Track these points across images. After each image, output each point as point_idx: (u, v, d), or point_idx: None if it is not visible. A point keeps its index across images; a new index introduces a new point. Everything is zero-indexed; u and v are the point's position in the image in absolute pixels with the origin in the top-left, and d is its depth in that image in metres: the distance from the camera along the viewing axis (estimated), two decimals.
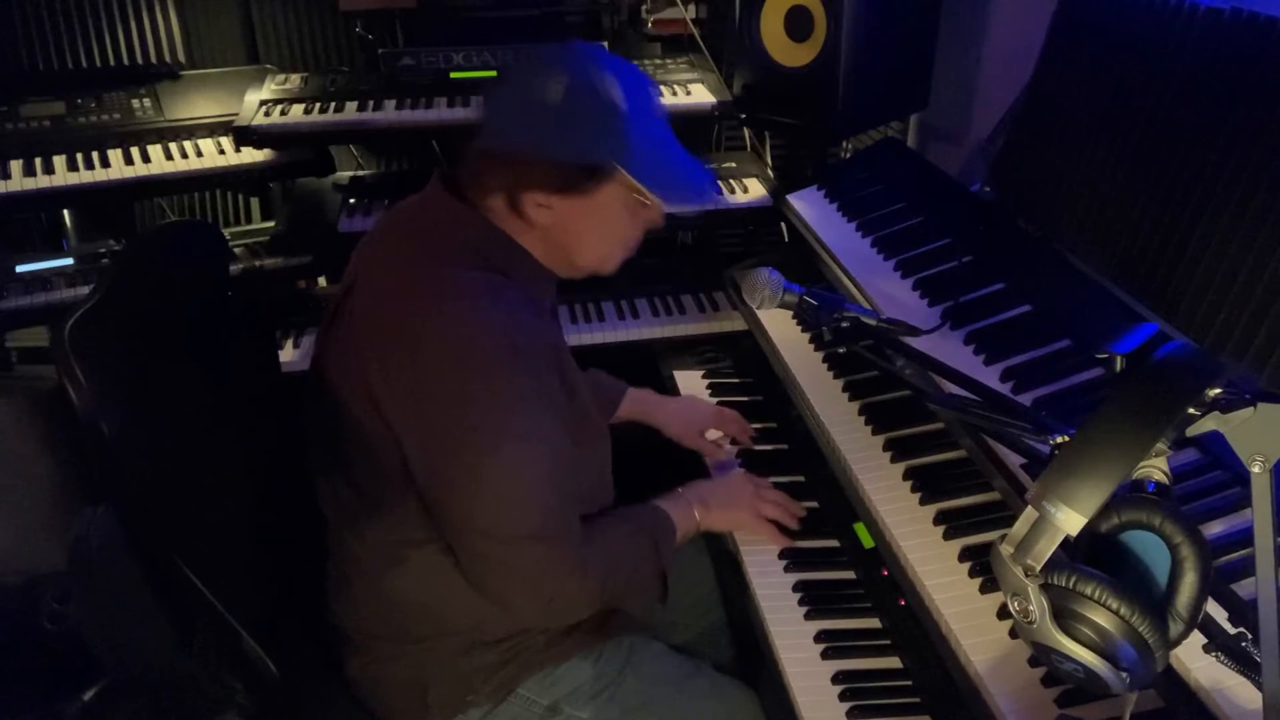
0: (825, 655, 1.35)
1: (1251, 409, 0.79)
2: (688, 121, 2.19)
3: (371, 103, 2.20)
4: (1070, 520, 0.78)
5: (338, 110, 2.18)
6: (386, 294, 1.24)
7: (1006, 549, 0.81)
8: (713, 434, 1.78)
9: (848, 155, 2.37)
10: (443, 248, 1.26)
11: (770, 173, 2.38)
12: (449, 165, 1.33)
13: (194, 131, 2.24)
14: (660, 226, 1.34)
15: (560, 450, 1.23)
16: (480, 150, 1.26)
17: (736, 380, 1.99)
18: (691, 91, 2.23)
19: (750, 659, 1.57)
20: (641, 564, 1.37)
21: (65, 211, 2.33)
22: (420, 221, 1.32)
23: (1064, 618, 0.79)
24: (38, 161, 2.09)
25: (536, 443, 1.20)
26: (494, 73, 2.26)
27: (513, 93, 1.25)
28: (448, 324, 1.18)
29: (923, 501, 1.37)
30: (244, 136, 2.13)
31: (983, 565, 1.25)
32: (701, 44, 2.42)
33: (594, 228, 1.28)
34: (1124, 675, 0.78)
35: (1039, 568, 0.79)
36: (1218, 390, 0.80)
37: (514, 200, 1.24)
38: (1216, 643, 0.92)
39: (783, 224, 2.29)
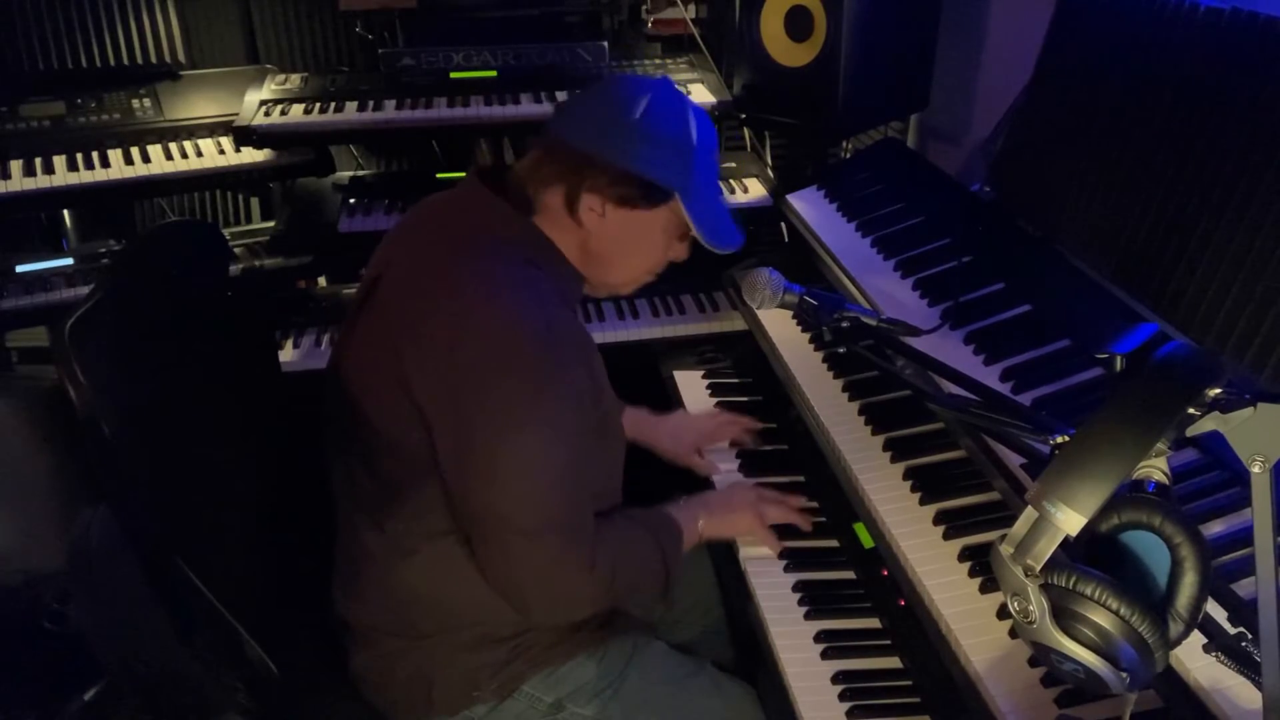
0: (825, 655, 1.35)
1: (1251, 409, 0.79)
2: None
3: (371, 103, 2.20)
4: (1070, 520, 0.78)
5: (338, 110, 2.17)
6: (421, 285, 1.26)
7: (1006, 549, 0.81)
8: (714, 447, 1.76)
9: (848, 155, 2.37)
10: (478, 240, 1.28)
11: (770, 173, 2.38)
12: (491, 162, 1.35)
13: (194, 131, 2.24)
14: (681, 260, 1.41)
15: (581, 443, 1.25)
16: (549, 145, 1.30)
17: (736, 380, 1.99)
18: (691, 91, 2.23)
19: (750, 659, 1.57)
20: (648, 567, 1.38)
21: (65, 211, 2.33)
22: (454, 215, 1.34)
23: (1064, 618, 0.79)
24: (38, 161, 2.10)
25: (561, 433, 1.21)
26: (494, 73, 2.25)
27: (597, 101, 1.31)
28: (483, 313, 1.20)
29: (923, 501, 1.37)
30: (244, 136, 2.13)
31: (983, 565, 1.25)
32: (701, 44, 2.42)
33: (633, 246, 1.34)
34: (1124, 675, 0.78)
35: (1039, 568, 0.79)
36: (1218, 390, 0.80)
37: (571, 198, 1.28)
38: (1216, 643, 0.92)
39: (783, 224, 2.29)
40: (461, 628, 1.33)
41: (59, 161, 2.10)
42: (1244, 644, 0.90)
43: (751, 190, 2.28)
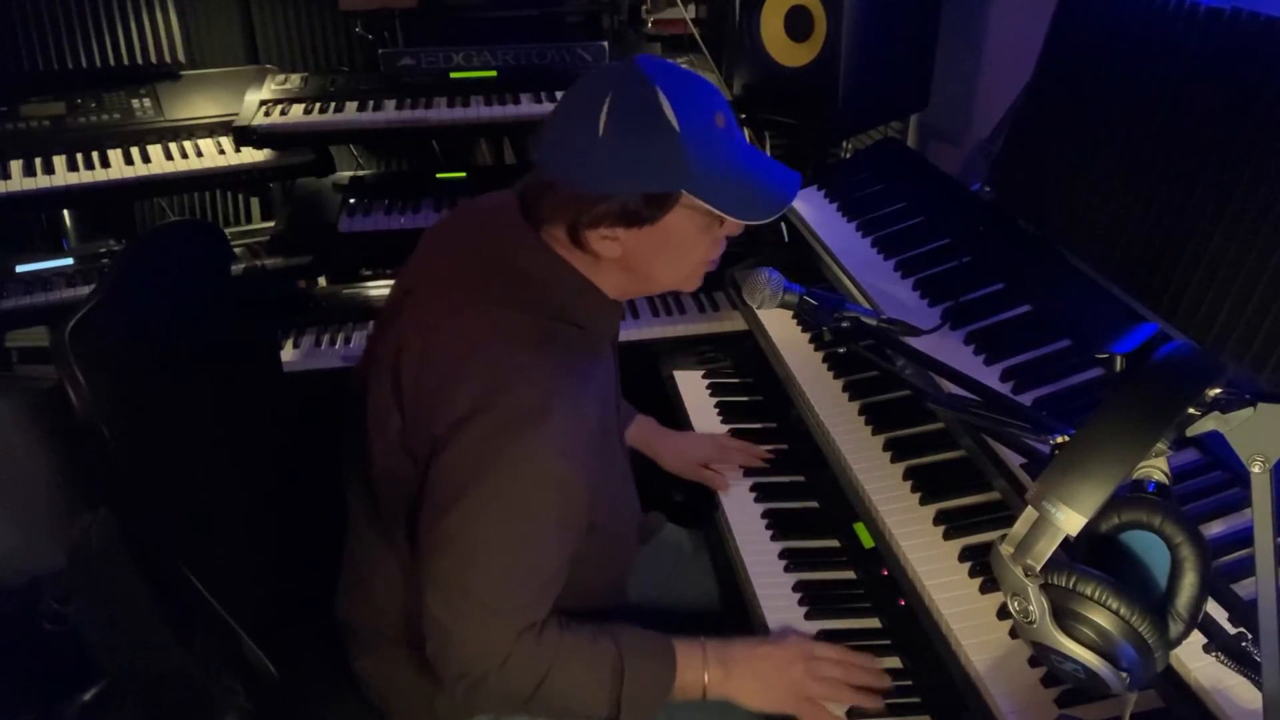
0: None
1: (1251, 409, 0.79)
2: None
3: (371, 103, 2.20)
4: (1070, 520, 0.78)
5: (338, 110, 2.18)
6: (438, 318, 1.21)
7: (1006, 549, 0.81)
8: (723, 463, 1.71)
9: (848, 155, 2.37)
10: (506, 280, 1.20)
11: None
12: (531, 182, 1.24)
13: (194, 131, 2.24)
14: (739, 234, 1.26)
15: (548, 540, 1.17)
16: (539, 180, 1.20)
17: (736, 380, 1.98)
18: None
19: None
20: (587, 694, 1.21)
21: (65, 211, 2.34)
22: (488, 244, 1.25)
23: (1064, 618, 0.79)
24: (38, 161, 2.10)
25: (528, 521, 1.15)
26: (494, 73, 2.26)
27: (562, 125, 1.17)
28: (486, 375, 1.14)
29: (923, 501, 1.37)
30: (244, 136, 2.13)
31: (983, 565, 1.25)
32: (701, 44, 2.42)
33: (667, 253, 1.20)
34: (1124, 675, 0.79)
35: (1039, 568, 0.79)
36: (1218, 390, 0.80)
37: (576, 235, 1.17)
38: (1216, 643, 0.92)
39: (783, 224, 2.28)
40: None
41: (59, 161, 2.11)
42: (1244, 644, 0.90)
43: None
